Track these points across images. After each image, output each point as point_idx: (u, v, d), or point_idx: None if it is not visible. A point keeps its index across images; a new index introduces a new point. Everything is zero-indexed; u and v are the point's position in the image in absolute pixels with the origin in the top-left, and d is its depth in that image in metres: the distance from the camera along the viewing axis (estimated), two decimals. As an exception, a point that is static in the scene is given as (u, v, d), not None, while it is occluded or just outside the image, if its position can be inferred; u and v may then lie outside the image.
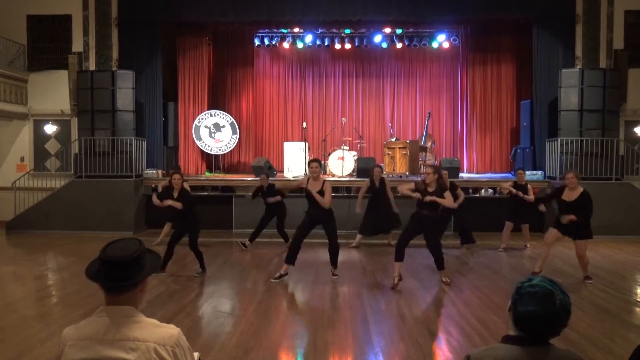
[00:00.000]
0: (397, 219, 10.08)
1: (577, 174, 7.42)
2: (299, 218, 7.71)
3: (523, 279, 1.95)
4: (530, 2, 12.72)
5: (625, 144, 12.59)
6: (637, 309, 6.49)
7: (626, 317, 6.00)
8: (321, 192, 7.25)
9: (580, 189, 7.25)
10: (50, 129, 13.53)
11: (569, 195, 7.26)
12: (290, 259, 7.41)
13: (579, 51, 12.76)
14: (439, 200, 6.91)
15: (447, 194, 7.07)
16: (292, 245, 7.45)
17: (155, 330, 2.00)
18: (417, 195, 7.04)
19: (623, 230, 11.43)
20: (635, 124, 13.00)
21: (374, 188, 10.07)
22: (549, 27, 12.96)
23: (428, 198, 6.90)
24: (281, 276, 7.42)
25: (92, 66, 13.09)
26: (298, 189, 8.11)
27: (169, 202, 7.67)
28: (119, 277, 2.00)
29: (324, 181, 7.42)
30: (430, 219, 7.05)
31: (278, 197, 9.88)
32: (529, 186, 9.94)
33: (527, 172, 12.30)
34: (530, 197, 9.72)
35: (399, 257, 7.12)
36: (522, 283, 1.92)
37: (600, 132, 12.09)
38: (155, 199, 7.96)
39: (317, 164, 7.40)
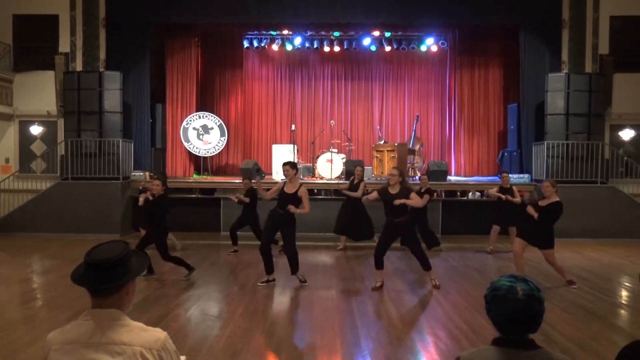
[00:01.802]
0: (371, 227, 10.10)
1: (553, 182, 7.32)
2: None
3: (488, 286, 1.96)
4: (518, 7, 12.84)
5: (611, 148, 12.74)
6: (623, 312, 6.56)
7: (612, 320, 6.06)
8: (296, 197, 7.17)
9: (556, 199, 7.13)
10: (36, 130, 13.38)
11: (544, 202, 7.22)
12: (270, 269, 7.37)
13: (565, 56, 12.90)
14: (407, 201, 6.93)
15: (413, 194, 7.09)
16: (264, 255, 7.30)
17: (141, 334, 1.98)
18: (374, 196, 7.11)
19: (608, 233, 11.56)
20: (620, 128, 13.17)
21: (351, 188, 10.11)
22: (536, 31, 13.09)
23: (397, 201, 6.88)
24: (268, 281, 7.39)
25: (79, 67, 12.98)
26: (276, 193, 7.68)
27: (141, 198, 7.79)
28: (103, 280, 1.97)
29: (300, 185, 7.32)
30: (402, 225, 7.08)
31: (246, 199, 9.67)
32: (514, 188, 10.05)
33: (514, 175, 12.42)
34: (517, 199, 9.82)
35: (379, 265, 7.23)
36: (487, 290, 1.95)
37: (586, 136, 12.22)
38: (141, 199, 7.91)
39: (288, 166, 7.25)
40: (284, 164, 7.34)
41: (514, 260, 7.56)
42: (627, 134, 13.12)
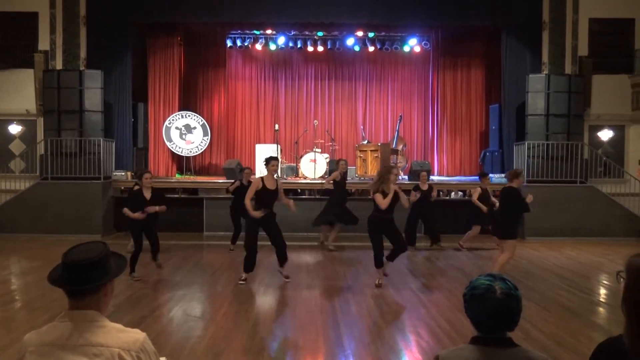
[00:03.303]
0: (354, 217, 10.17)
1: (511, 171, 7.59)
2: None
3: (467, 285, 1.98)
4: (499, 9, 12.96)
5: (589, 148, 12.94)
6: (601, 309, 6.67)
7: (590, 317, 6.16)
8: (277, 192, 7.23)
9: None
10: (14, 129, 13.15)
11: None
12: (250, 268, 7.36)
13: (545, 57, 13.06)
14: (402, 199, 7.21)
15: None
16: (250, 254, 7.29)
17: (119, 335, 1.96)
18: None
19: (587, 232, 11.73)
20: (599, 128, 13.37)
21: (341, 181, 10.17)
22: (517, 33, 13.24)
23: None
24: (245, 279, 7.38)
25: (59, 65, 12.78)
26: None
27: (154, 208, 7.41)
28: (80, 281, 1.95)
29: (277, 180, 7.43)
30: (391, 220, 7.20)
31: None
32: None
33: (495, 175, 12.58)
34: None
35: (380, 264, 7.29)
36: (465, 289, 1.96)
37: (566, 136, 12.40)
38: (128, 212, 7.43)
39: (277, 161, 7.39)
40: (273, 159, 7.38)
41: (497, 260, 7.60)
42: (605, 135, 13.33)
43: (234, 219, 10.01)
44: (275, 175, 7.44)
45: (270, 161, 7.28)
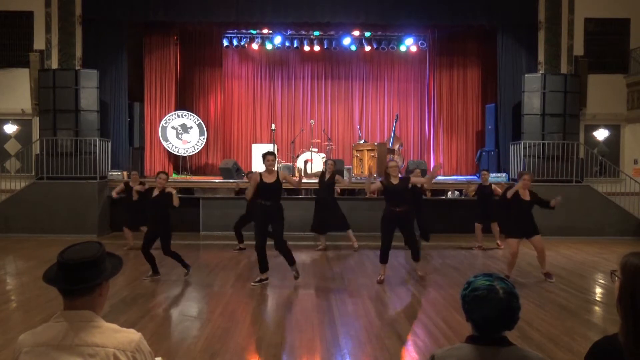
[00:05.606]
0: (345, 220, 10.14)
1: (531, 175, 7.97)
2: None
3: (464, 286, 1.96)
4: (495, 8, 13.00)
5: (585, 148, 12.98)
6: (596, 308, 6.69)
7: (586, 316, 6.17)
8: (278, 183, 7.21)
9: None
10: (10, 128, 13.12)
11: (526, 195, 7.68)
12: (264, 267, 7.36)
13: (541, 57, 13.11)
14: (415, 180, 7.48)
15: (414, 177, 7.54)
16: (259, 253, 7.28)
17: (114, 335, 1.96)
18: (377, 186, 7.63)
19: (582, 231, 11.78)
20: (595, 128, 13.42)
21: (323, 181, 10.13)
22: (513, 33, 13.28)
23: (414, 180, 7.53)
24: (261, 280, 7.36)
25: (54, 64, 12.75)
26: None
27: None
28: (76, 280, 1.95)
29: (277, 171, 7.37)
30: (402, 214, 7.30)
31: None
32: (493, 186, 10.23)
33: (492, 175, 12.59)
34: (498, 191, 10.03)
35: (385, 259, 7.49)
36: (464, 291, 1.94)
37: (562, 136, 12.44)
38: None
39: (272, 156, 7.30)
40: (269, 154, 7.32)
41: (510, 259, 7.63)
42: (601, 134, 13.38)
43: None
44: (276, 167, 7.50)
45: (265, 156, 7.30)
